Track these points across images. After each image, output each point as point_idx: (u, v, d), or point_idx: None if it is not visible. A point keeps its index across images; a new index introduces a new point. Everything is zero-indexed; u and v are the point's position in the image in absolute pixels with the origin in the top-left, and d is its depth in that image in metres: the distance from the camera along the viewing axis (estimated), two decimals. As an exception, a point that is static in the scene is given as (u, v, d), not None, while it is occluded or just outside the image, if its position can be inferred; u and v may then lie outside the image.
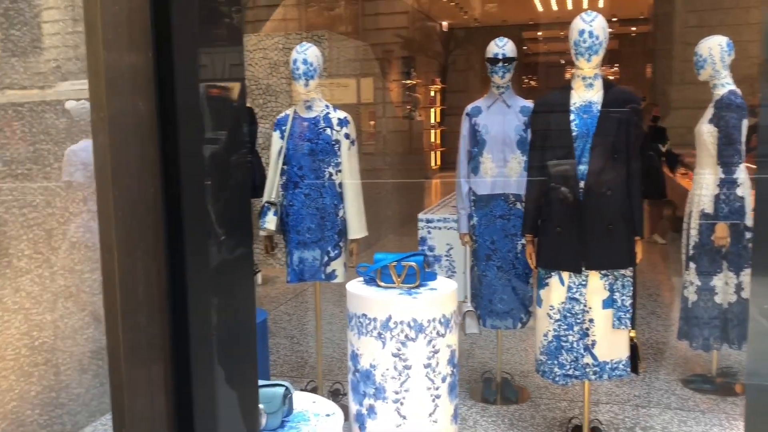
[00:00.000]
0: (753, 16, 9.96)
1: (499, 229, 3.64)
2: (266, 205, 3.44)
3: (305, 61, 3.33)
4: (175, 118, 1.32)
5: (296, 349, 4.71)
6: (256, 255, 6.49)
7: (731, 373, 3.92)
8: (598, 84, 2.95)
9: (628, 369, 3.03)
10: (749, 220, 3.62)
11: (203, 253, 1.45)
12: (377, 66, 9.49)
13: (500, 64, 3.55)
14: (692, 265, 3.74)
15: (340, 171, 3.43)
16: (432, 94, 14.34)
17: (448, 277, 4.33)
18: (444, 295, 2.49)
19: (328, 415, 2.57)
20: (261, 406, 2.43)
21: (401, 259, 2.58)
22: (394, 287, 2.55)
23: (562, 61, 20.55)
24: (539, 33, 18.81)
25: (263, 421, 2.44)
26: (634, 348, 3.03)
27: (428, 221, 5.87)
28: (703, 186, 3.68)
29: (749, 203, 3.62)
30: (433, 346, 2.44)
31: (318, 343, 3.64)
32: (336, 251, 3.43)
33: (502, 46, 3.57)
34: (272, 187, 3.45)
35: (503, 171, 3.63)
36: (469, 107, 3.74)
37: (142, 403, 1.37)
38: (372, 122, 8.49)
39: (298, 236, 3.43)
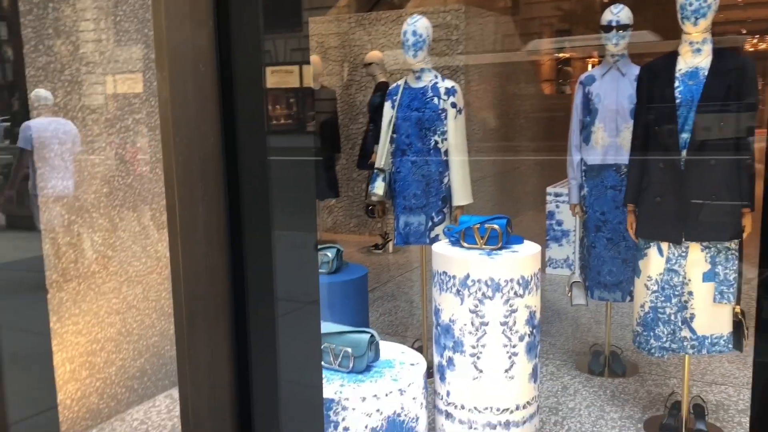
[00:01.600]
0: None
1: (610, 200, 3.59)
2: (376, 171, 3.65)
3: (414, 33, 3.47)
4: (233, 78, 1.55)
5: (415, 312, 4.92)
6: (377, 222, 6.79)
7: None
8: (707, 49, 2.83)
9: (730, 345, 2.91)
10: None
11: (263, 209, 1.66)
12: (518, 40, 9.38)
13: (614, 31, 3.48)
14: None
15: (445, 139, 3.56)
16: (590, 68, 13.83)
17: (574, 252, 4.33)
18: (523, 257, 2.56)
19: (412, 364, 2.75)
20: (348, 349, 2.67)
21: (484, 221, 2.68)
22: (476, 248, 2.66)
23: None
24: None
25: (350, 363, 2.67)
26: (738, 324, 2.90)
27: (556, 195, 5.82)
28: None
29: None
30: (511, 306, 2.53)
31: (423, 304, 3.82)
32: (440, 217, 3.58)
33: (616, 13, 3.49)
34: (382, 155, 3.66)
35: (615, 141, 3.56)
36: (582, 76, 3.71)
37: (203, 352, 1.62)
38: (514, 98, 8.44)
39: (404, 201, 3.62)
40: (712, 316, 2.86)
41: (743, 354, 3.90)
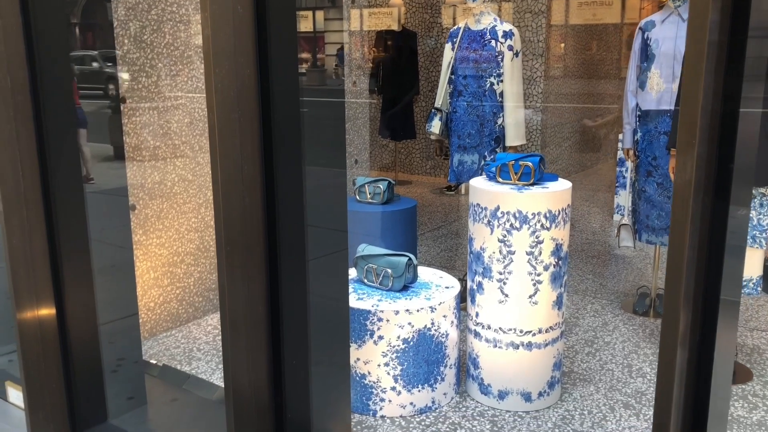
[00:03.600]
0: None
1: (663, 146, 3.64)
2: (433, 111, 3.86)
3: (474, -22, 3.60)
4: (267, 18, 1.81)
5: (475, 250, 5.14)
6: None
7: None
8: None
9: (759, 288, 2.98)
10: None
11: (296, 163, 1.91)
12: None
13: (675, -25, 3.47)
14: None
15: (501, 81, 3.71)
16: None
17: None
18: (551, 192, 2.73)
19: (447, 287, 3.02)
20: (388, 270, 2.96)
21: (519, 158, 2.86)
22: (510, 183, 2.85)
23: None
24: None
25: (390, 282, 2.96)
26: (769, 269, 2.97)
27: (628, 142, 5.80)
28: None
29: None
30: (537, 237, 2.72)
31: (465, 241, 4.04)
32: (492, 156, 3.75)
33: (682, -44, 3.47)
34: (441, 95, 3.85)
35: (671, 87, 3.59)
36: (643, 21, 3.72)
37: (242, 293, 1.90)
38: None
39: (459, 140, 3.82)
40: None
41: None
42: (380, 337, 2.76)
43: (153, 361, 3.28)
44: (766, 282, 2.99)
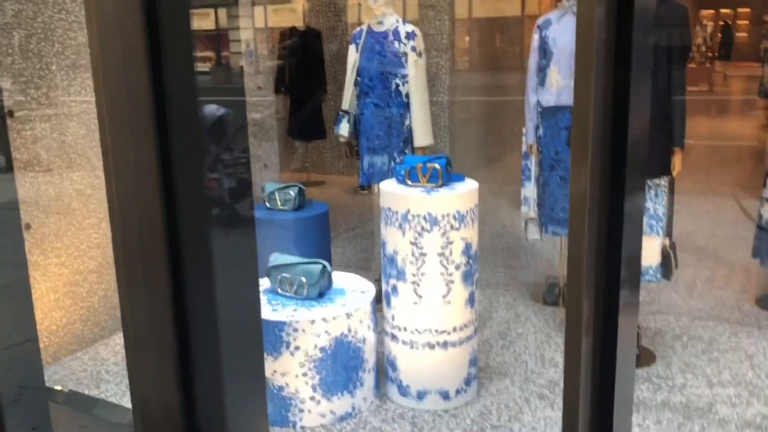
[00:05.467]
0: None
1: (564, 141, 3.76)
2: (341, 113, 3.84)
3: (375, -21, 3.60)
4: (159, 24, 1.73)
5: (390, 248, 5.17)
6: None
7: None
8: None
9: (659, 275, 3.14)
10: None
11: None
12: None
13: (568, -25, 3.58)
14: (769, 181, 3.65)
15: (407, 82, 3.73)
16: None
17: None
18: (458, 193, 2.77)
19: (362, 292, 3.01)
20: (303, 278, 2.92)
21: (426, 161, 2.88)
22: (419, 185, 2.87)
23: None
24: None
25: (304, 291, 2.93)
26: (666, 256, 3.12)
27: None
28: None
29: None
30: (447, 238, 2.75)
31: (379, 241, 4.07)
32: (402, 157, 3.77)
33: (572, -43, 3.59)
34: (347, 97, 3.84)
35: (569, 83, 3.71)
36: (540, 20, 3.83)
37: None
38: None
39: (368, 142, 3.82)
40: (642, 248, 3.07)
41: (690, 285, 4.15)
42: (297, 348, 2.72)
43: (58, 387, 3.12)
44: (665, 268, 3.14)
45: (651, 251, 3.10)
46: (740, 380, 3.05)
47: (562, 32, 3.70)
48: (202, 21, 7.78)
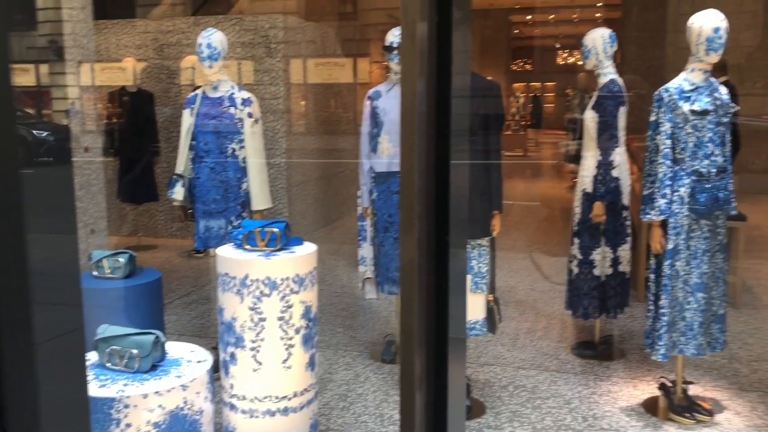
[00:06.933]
0: (746, 5, 10.16)
1: (396, 204, 3.96)
2: (175, 177, 3.77)
3: (209, 45, 3.64)
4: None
5: (227, 313, 5.06)
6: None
7: (609, 341, 4.25)
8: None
9: (485, 329, 3.36)
10: (625, 200, 3.93)
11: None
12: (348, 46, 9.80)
13: (395, 51, 3.85)
14: (576, 240, 4.05)
15: (243, 147, 3.76)
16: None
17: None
18: (298, 257, 2.82)
19: (199, 362, 2.92)
20: (134, 350, 2.79)
21: (265, 225, 2.91)
22: (258, 250, 2.88)
23: (557, 45, 20.74)
24: (528, 17, 18.97)
25: (136, 364, 2.79)
26: (491, 311, 3.36)
27: (367, 198, 6.17)
28: (585, 168, 3.98)
29: (625, 184, 3.92)
30: (287, 302, 2.77)
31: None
32: (239, 221, 3.76)
33: (397, 35, 3.87)
34: (182, 161, 3.79)
35: (399, 151, 3.93)
36: (371, 91, 4.05)
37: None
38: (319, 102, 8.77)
39: (204, 206, 3.77)
40: (468, 305, 3.28)
41: (514, 337, 4.45)
42: (128, 425, 2.57)
43: None
44: (490, 322, 3.37)
45: (476, 307, 3.31)
46: (560, 425, 3.30)
47: (391, 104, 3.94)
48: (21, 77, 7.32)
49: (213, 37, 3.65)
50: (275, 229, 2.88)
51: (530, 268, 6.25)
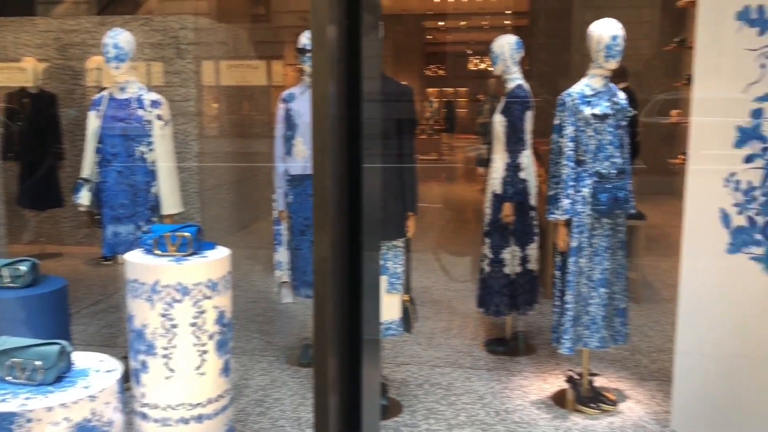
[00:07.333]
0: (644, 16, 10.69)
1: (311, 207, 3.95)
2: (80, 181, 3.64)
3: (116, 46, 3.53)
4: None
5: (138, 322, 4.90)
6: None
7: (520, 337, 4.40)
8: (375, 75, 3.29)
9: (401, 328, 3.41)
10: (533, 200, 4.08)
11: None
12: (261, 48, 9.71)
13: (308, 54, 3.85)
14: (487, 240, 4.17)
15: (152, 150, 3.66)
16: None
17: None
18: (210, 261, 2.77)
19: (108, 371, 2.82)
20: (37, 362, 2.67)
21: (176, 229, 2.85)
22: (169, 255, 2.82)
23: (469, 51, 21.23)
24: (441, 23, 19.33)
25: (39, 376, 2.67)
26: (406, 310, 3.41)
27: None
28: (494, 170, 4.11)
29: (532, 185, 4.07)
30: (200, 307, 2.73)
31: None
32: (148, 226, 3.66)
33: (311, 38, 3.86)
34: (87, 165, 3.65)
35: (314, 153, 3.94)
36: (284, 93, 4.04)
37: None
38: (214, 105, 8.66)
39: (111, 211, 3.65)
40: (384, 305, 3.33)
41: (429, 336, 4.53)
42: (31, 440, 2.46)
43: None
44: (406, 322, 3.42)
45: (392, 307, 3.36)
46: (474, 420, 3.39)
47: (305, 106, 3.93)
48: None
49: (120, 38, 3.55)
50: (186, 234, 2.83)
51: (445, 268, 6.37)
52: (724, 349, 3.07)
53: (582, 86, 3.37)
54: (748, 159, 2.91)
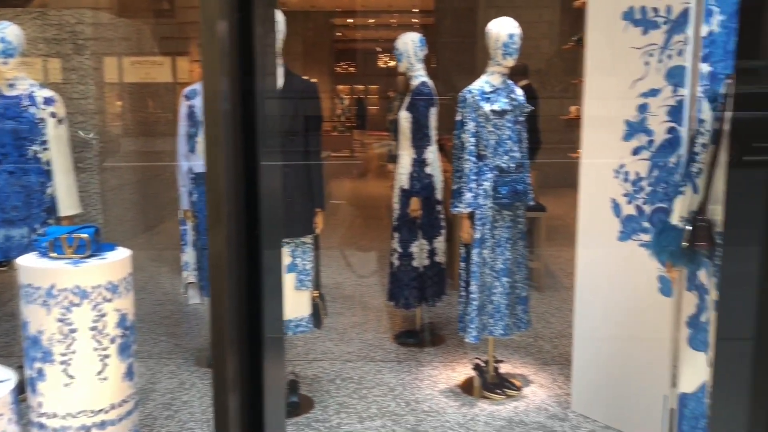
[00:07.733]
0: (544, 16, 11.04)
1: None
2: (-34, 183, 3.43)
3: (3, 40, 3.36)
4: None
5: (36, 329, 4.68)
6: None
7: (429, 329, 4.49)
8: (281, 72, 3.27)
9: (311, 324, 3.42)
10: (439, 195, 4.17)
11: None
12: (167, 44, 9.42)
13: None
14: (396, 234, 4.23)
15: (47, 149, 3.50)
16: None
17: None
18: (110, 263, 2.69)
19: (2, 381, 2.69)
20: None
21: (72, 231, 2.75)
22: (65, 258, 2.71)
23: (378, 49, 21.36)
24: (350, 20, 19.37)
25: (-77, 390, 2.51)
26: (316, 306, 3.42)
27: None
28: (402, 166, 4.17)
29: (438, 180, 4.16)
30: (100, 311, 2.64)
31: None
32: (44, 228, 3.50)
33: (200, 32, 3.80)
34: (-26, 166, 3.45)
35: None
36: (186, 89, 3.96)
37: None
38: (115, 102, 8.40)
39: (3, 214, 3.47)
40: (294, 302, 3.32)
41: (341, 331, 4.55)
42: None
43: None
44: (316, 318, 3.43)
45: (302, 304, 3.36)
46: (385, 412, 3.44)
47: (208, 102, 3.86)
48: None
49: (7, 31, 3.37)
50: (84, 235, 2.73)
51: (356, 263, 6.41)
52: (618, 332, 3.24)
53: (482, 83, 3.47)
54: (636, 151, 3.08)
